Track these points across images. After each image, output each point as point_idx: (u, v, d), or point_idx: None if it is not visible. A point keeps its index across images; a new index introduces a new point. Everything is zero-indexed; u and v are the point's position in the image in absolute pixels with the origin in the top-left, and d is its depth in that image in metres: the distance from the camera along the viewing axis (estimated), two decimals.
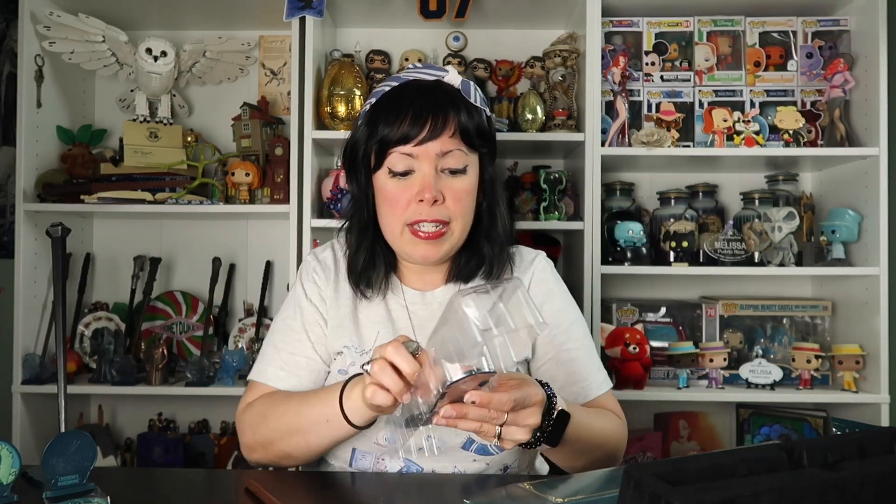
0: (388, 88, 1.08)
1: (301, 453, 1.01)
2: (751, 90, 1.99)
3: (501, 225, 1.12)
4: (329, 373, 1.11)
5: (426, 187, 1.02)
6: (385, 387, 0.83)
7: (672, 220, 1.95)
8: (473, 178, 1.07)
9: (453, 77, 1.08)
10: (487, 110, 1.11)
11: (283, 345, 1.11)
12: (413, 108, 1.02)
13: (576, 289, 1.25)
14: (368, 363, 0.85)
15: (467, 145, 1.05)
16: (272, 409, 1.03)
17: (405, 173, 1.04)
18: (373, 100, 1.09)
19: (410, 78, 1.09)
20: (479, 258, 1.11)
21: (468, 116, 1.05)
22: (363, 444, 1.05)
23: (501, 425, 0.83)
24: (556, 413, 0.90)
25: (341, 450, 1.06)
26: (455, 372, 0.78)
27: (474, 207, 1.09)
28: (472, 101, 1.07)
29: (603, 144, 1.87)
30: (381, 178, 1.06)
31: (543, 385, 0.90)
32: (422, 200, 1.02)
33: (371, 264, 1.10)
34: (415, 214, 1.03)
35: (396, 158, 1.03)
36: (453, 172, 1.04)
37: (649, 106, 1.99)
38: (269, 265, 2.18)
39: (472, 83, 1.09)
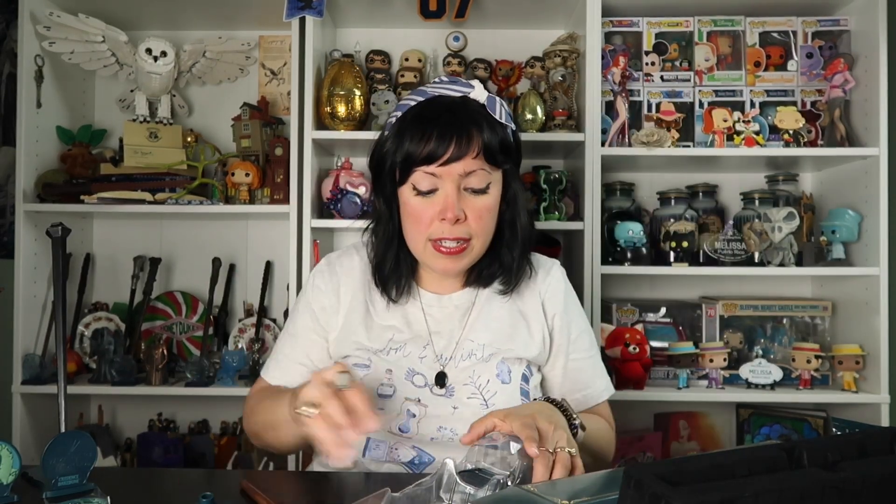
0: (412, 103, 1.10)
1: (279, 445, 1.10)
2: (751, 90, 1.99)
3: (522, 234, 1.14)
4: None
5: (449, 207, 1.04)
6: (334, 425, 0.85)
7: (672, 220, 1.95)
8: (496, 196, 1.09)
9: (479, 93, 1.10)
10: (512, 125, 1.12)
11: (281, 345, 1.20)
12: (438, 127, 1.04)
13: (576, 289, 1.25)
14: (307, 406, 0.87)
15: (490, 164, 1.06)
16: (258, 404, 1.13)
17: (429, 191, 1.06)
18: (398, 113, 1.10)
19: (436, 93, 1.10)
20: (498, 266, 1.14)
21: (492, 134, 1.06)
22: (377, 433, 1.06)
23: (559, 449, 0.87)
24: (577, 420, 0.97)
25: None
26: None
27: (496, 222, 1.11)
28: (496, 117, 1.08)
29: (603, 144, 1.87)
30: (406, 194, 1.08)
31: (556, 403, 0.97)
32: (444, 219, 1.05)
33: (397, 272, 1.14)
34: (437, 232, 1.06)
35: (420, 177, 1.05)
36: (476, 192, 1.06)
37: (649, 106, 1.99)
38: (269, 265, 2.18)
39: (497, 98, 1.10)
